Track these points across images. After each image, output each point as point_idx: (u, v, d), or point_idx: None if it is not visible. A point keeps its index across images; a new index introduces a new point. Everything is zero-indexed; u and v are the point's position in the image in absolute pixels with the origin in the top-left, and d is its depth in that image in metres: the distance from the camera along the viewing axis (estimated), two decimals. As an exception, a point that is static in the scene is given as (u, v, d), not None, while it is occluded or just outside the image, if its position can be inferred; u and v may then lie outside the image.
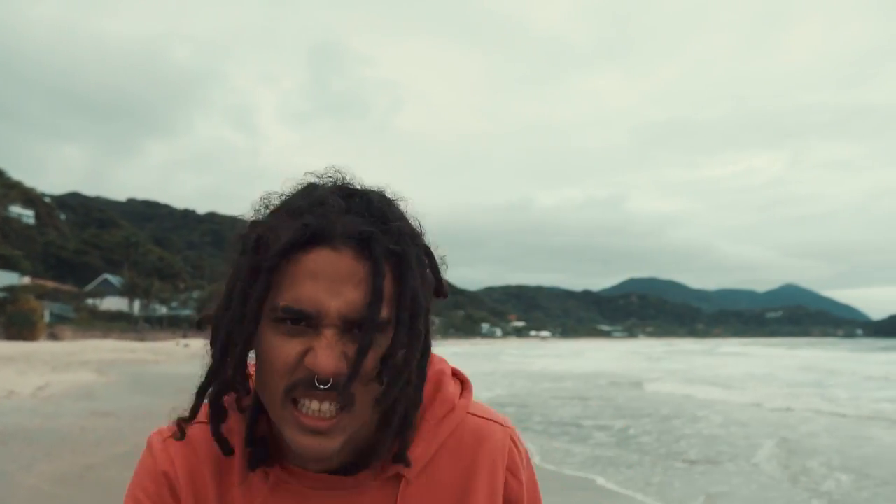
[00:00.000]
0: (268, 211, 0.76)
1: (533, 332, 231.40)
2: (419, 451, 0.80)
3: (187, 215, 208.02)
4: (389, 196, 0.76)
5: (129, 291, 78.56)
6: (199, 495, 0.81)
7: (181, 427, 0.80)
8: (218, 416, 0.77)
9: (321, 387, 0.68)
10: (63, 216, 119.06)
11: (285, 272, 0.69)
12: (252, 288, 0.70)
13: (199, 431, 0.82)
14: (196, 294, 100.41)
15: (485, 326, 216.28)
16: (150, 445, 0.85)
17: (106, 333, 58.49)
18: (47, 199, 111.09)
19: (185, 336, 71.77)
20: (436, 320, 0.78)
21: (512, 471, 0.85)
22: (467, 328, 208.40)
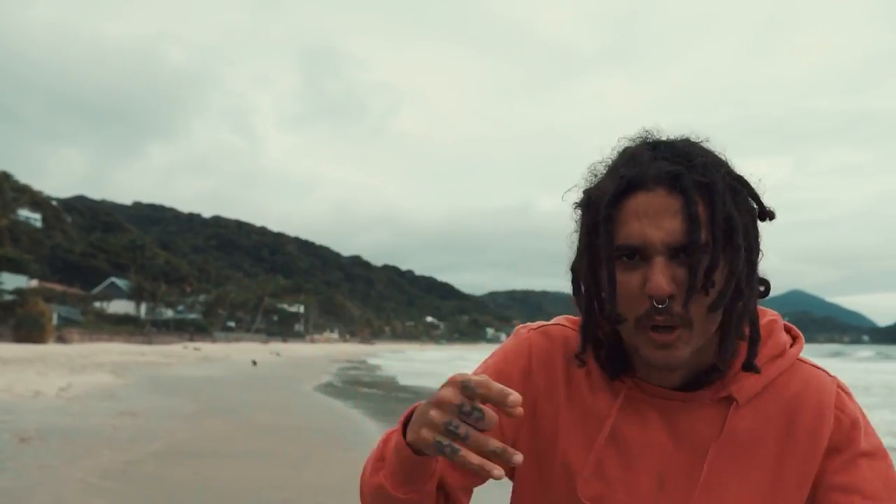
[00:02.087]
0: (594, 177, 0.89)
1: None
2: (749, 382, 0.88)
3: (192, 219, 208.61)
4: (693, 139, 0.86)
5: (135, 295, 78.80)
6: (550, 377, 0.96)
7: (580, 359, 0.94)
8: (588, 337, 0.92)
9: (659, 306, 0.80)
10: (69, 219, 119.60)
11: (615, 219, 0.82)
12: (596, 240, 0.84)
13: (560, 331, 0.99)
14: (202, 297, 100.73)
15: (489, 331, 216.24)
16: (517, 332, 1.02)
17: (113, 336, 58.70)
18: (54, 203, 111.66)
19: (191, 339, 72.18)
20: (761, 245, 0.87)
21: (840, 408, 0.89)
22: (472, 333, 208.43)
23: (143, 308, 79.66)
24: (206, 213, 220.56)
